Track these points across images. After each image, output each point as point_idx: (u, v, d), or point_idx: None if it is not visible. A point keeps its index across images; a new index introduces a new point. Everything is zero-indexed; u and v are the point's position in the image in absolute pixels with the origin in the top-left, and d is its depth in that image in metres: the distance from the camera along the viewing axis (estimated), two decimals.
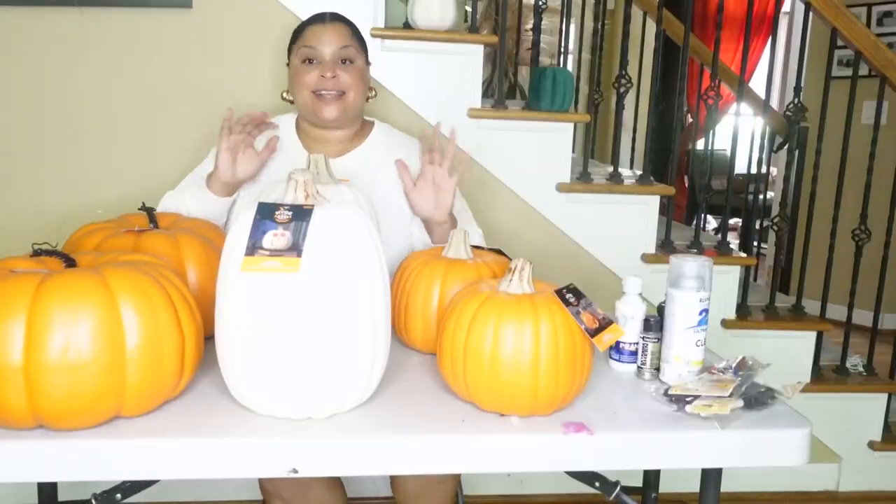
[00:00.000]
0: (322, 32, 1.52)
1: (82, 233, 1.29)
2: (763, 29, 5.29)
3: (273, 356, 0.97)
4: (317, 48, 1.51)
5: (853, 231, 2.33)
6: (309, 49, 1.52)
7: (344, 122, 1.57)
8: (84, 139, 1.93)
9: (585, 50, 3.10)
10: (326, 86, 1.51)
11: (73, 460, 0.93)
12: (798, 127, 2.35)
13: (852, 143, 2.33)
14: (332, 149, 1.59)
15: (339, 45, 1.52)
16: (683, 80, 2.27)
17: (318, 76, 1.51)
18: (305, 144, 1.61)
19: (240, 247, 0.98)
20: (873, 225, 2.37)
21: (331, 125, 1.56)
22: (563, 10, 2.40)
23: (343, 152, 1.60)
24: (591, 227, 2.16)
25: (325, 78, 1.51)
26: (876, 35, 2.24)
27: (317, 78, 1.51)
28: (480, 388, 1.04)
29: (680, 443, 1.02)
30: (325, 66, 1.51)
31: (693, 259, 1.14)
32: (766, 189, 3.52)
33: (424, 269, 1.26)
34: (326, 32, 1.52)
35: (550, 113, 2.07)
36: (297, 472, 0.96)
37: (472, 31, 2.06)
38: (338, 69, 1.51)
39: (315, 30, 1.53)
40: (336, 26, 1.54)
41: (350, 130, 1.61)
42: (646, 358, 1.20)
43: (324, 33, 1.52)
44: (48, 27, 1.87)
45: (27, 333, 0.89)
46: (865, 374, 2.38)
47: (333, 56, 1.52)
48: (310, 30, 1.54)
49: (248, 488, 2.11)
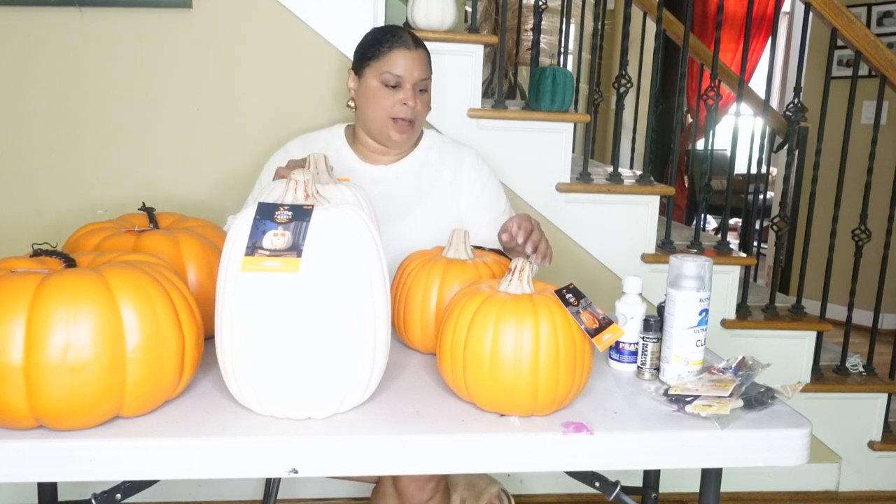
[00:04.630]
0: (408, 60, 1.53)
1: (82, 233, 1.29)
2: (763, 29, 5.29)
3: (273, 356, 0.97)
4: (401, 76, 1.52)
5: (853, 231, 2.34)
6: (390, 76, 1.52)
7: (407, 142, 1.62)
8: (84, 139, 1.93)
9: (585, 50, 3.10)
10: (404, 114, 1.54)
11: (73, 460, 0.93)
12: (798, 127, 2.35)
13: (852, 143, 2.33)
14: (387, 157, 1.64)
15: (422, 76, 1.54)
16: (683, 80, 2.27)
17: (399, 104, 1.53)
18: (361, 154, 1.64)
19: (240, 247, 0.98)
20: (873, 225, 2.37)
21: (400, 147, 1.61)
22: (563, 10, 2.40)
23: (398, 159, 1.64)
24: (591, 227, 2.16)
25: (407, 107, 1.53)
26: (876, 35, 2.24)
27: (397, 105, 1.53)
28: (480, 388, 1.04)
29: (680, 443, 1.02)
30: (408, 95, 1.53)
31: (693, 259, 1.14)
32: (766, 189, 3.52)
33: (424, 268, 1.26)
34: (412, 61, 1.53)
35: (550, 113, 2.08)
36: (297, 472, 0.96)
37: (472, 31, 2.06)
38: (416, 98, 1.54)
39: (400, 55, 1.53)
40: (420, 54, 1.55)
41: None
42: (646, 358, 1.20)
43: (409, 61, 1.53)
44: (48, 27, 1.87)
45: (27, 333, 0.89)
46: (865, 374, 2.38)
47: (414, 85, 1.54)
48: (396, 55, 1.53)
49: (249, 488, 2.12)
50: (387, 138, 1.57)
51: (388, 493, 1.53)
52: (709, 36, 5.20)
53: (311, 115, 1.97)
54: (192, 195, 1.97)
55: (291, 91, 1.97)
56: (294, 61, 1.96)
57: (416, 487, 1.46)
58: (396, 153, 1.64)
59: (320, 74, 1.97)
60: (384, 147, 1.62)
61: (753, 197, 2.59)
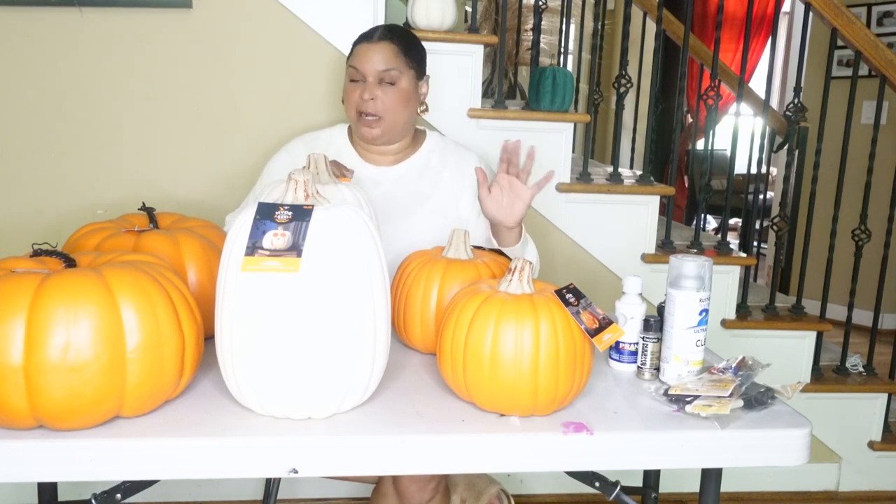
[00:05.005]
0: (367, 52, 1.52)
1: (82, 233, 1.29)
2: (763, 29, 5.29)
3: (273, 356, 0.97)
4: (360, 69, 1.52)
5: (853, 231, 2.34)
6: (353, 70, 1.53)
7: (390, 139, 1.59)
8: (84, 139, 1.93)
9: (585, 50, 3.10)
10: (366, 108, 1.53)
11: (73, 460, 0.93)
12: (798, 127, 2.35)
13: (852, 143, 2.33)
14: (388, 158, 1.63)
15: (381, 68, 1.52)
16: (683, 80, 2.27)
17: (359, 98, 1.53)
18: (361, 154, 1.64)
19: (240, 247, 0.98)
20: (873, 225, 2.37)
21: (376, 142, 1.59)
22: (563, 10, 2.40)
23: (400, 160, 1.64)
24: (591, 227, 2.16)
25: (364, 100, 1.52)
26: (876, 35, 2.24)
27: (358, 99, 1.53)
28: (480, 388, 1.04)
29: (680, 443, 1.02)
30: (365, 88, 1.52)
31: (693, 259, 1.14)
32: (766, 189, 3.52)
33: (424, 268, 1.26)
34: (371, 53, 1.52)
35: (550, 113, 2.08)
36: (297, 472, 0.96)
37: (472, 31, 2.06)
38: (377, 91, 1.52)
39: (361, 49, 1.53)
40: (382, 46, 1.53)
41: (401, 143, 1.63)
42: (646, 358, 1.20)
43: (368, 53, 1.52)
44: (48, 27, 1.87)
45: (27, 333, 0.89)
46: (865, 374, 2.38)
47: (375, 78, 1.52)
48: (358, 48, 1.54)
49: (249, 488, 2.12)
50: (360, 135, 1.57)
51: (388, 493, 1.52)
52: (709, 36, 5.20)
53: (311, 115, 1.97)
54: (192, 195, 1.97)
55: (291, 91, 1.97)
56: (294, 61, 1.96)
57: (417, 488, 1.46)
58: (397, 154, 1.64)
59: (320, 74, 1.97)
60: (380, 147, 1.62)
61: (753, 197, 2.59)
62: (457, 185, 1.64)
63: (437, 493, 1.48)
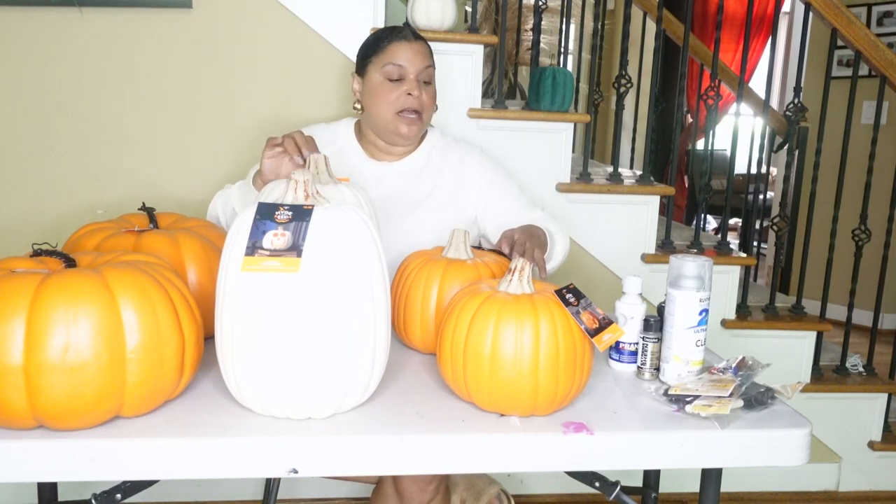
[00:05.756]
0: (408, 50, 1.52)
1: (82, 233, 1.29)
2: (763, 29, 5.29)
3: (273, 356, 0.97)
4: (405, 67, 1.52)
5: (853, 231, 2.34)
6: (396, 67, 1.52)
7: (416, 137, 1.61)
8: (84, 139, 1.93)
9: (585, 50, 3.10)
10: (412, 105, 1.52)
11: (73, 460, 0.93)
12: (798, 127, 2.35)
13: (852, 143, 2.33)
14: (392, 155, 1.63)
15: (423, 66, 1.53)
16: (683, 80, 2.27)
17: (403, 95, 1.52)
18: (367, 151, 1.64)
19: (240, 247, 0.98)
20: (873, 225, 2.37)
21: (409, 140, 1.59)
22: (563, 10, 2.40)
23: (404, 155, 1.64)
24: (591, 227, 2.16)
25: (412, 97, 1.52)
26: (876, 35, 2.24)
27: (403, 97, 1.52)
28: (480, 388, 1.04)
29: (680, 443, 1.02)
30: (412, 85, 1.52)
31: (693, 259, 1.14)
32: (766, 189, 3.52)
33: (424, 268, 1.26)
34: (412, 51, 1.52)
35: (550, 113, 2.08)
36: (297, 472, 0.96)
37: (472, 31, 2.06)
38: (420, 89, 1.53)
39: (401, 47, 1.53)
40: (421, 45, 1.55)
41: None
42: (646, 358, 1.20)
43: (409, 51, 1.52)
44: (48, 27, 1.87)
45: (27, 333, 0.89)
46: (865, 374, 2.38)
47: (418, 76, 1.53)
48: (396, 46, 1.53)
49: (249, 488, 2.12)
50: (396, 134, 1.56)
51: (388, 493, 1.52)
52: (709, 36, 5.20)
53: (312, 115, 1.97)
54: (192, 195, 1.98)
55: (291, 91, 1.97)
56: (294, 61, 1.96)
57: (417, 488, 1.46)
58: (401, 150, 1.64)
59: (320, 74, 1.97)
60: (391, 145, 1.62)
61: (753, 197, 2.59)
62: (458, 185, 1.64)
63: (437, 494, 1.48)
